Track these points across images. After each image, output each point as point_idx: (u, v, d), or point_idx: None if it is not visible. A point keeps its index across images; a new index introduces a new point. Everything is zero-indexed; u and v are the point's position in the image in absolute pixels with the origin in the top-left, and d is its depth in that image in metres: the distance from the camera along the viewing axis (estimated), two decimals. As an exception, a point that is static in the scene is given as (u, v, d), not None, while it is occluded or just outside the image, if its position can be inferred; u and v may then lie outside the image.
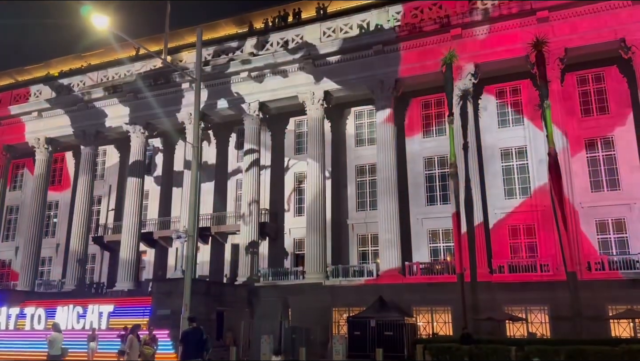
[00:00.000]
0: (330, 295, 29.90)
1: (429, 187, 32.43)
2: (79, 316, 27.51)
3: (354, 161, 34.55)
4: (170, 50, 38.49)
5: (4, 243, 42.94)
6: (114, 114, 38.64)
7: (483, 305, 26.28)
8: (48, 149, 40.84)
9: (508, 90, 31.72)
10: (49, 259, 41.87)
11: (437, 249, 31.42)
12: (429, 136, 33.02)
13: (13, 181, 44.97)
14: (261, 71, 34.47)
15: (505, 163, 30.95)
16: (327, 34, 33.64)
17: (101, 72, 40.80)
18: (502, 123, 31.47)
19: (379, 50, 31.85)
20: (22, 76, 52.99)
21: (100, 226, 40.66)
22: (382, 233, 30.16)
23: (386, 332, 26.35)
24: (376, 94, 31.92)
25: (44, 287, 38.82)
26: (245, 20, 44.04)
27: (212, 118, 36.89)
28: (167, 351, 23.29)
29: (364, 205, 33.81)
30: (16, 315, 29.33)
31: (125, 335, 21.42)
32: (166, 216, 38.55)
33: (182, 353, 13.13)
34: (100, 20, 17.56)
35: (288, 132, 36.80)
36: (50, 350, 18.21)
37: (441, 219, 30.91)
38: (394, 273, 29.21)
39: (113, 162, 42.26)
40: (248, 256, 32.26)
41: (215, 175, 38.04)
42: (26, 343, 27.13)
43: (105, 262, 40.04)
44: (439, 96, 32.13)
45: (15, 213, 44.22)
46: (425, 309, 28.84)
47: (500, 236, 29.71)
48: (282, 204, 35.66)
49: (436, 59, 29.78)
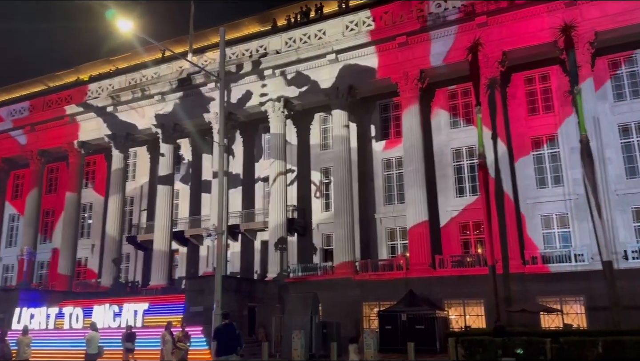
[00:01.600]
0: (360, 290, 29.87)
1: (458, 178, 32.01)
2: (115, 314, 28.13)
3: (380, 154, 34.35)
4: (195, 50, 38.97)
5: (42, 245, 44.19)
6: (142, 117, 39.31)
7: (516, 297, 25.87)
8: (81, 152, 41.84)
9: (537, 77, 31.00)
10: (85, 260, 42.98)
11: (467, 242, 31.02)
12: (456, 127, 32.57)
13: (48, 184, 46.25)
14: (285, 67, 34.53)
15: (536, 152, 30.30)
16: (349, 28, 33.46)
17: (129, 75, 41.51)
18: (532, 111, 30.79)
19: (403, 42, 31.54)
20: (54, 81, 54.37)
21: (133, 226, 41.51)
22: (411, 227, 29.93)
23: (417, 326, 26.20)
24: (401, 85, 31.63)
25: (81, 287, 39.87)
26: (268, 18, 44.18)
27: (238, 117, 37.17)
28: (201, 347, 23.62)
29: (391, 199, 33.61)
30: (55, 315, 30.16)
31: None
32: (196, 215, 39.10)
33: (216, 349, 13.27)
34: (125, 24, 17.86)
35: (313, 128, 36.81)
36: (88, 348, 18.72)
37: (471, 210, 30.52)
38: (424, 267, 28.98)
39: (144, 164, 43.02)
40: (277, 253, 32.49)
41: (243, 173, 38.36)
42: (65, 342, 27.88)
43: (140, 261, 40.86)
44: (465, 86, 31.66)
45: (52, 216, 45.48)
46: (457, 302, 28.54)
47: (533, 226, 29.14)
48: (309, 200, 35.74)
49: (461, 47, 29.32)
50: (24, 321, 29.57)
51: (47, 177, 46.01)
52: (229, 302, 23.21)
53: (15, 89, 56.28)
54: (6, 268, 45.94)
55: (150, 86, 38.67)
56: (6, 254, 45.59)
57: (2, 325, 30.93)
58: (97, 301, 30.76)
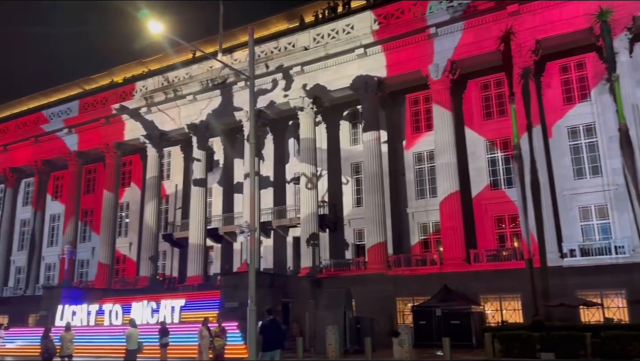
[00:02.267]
0: (393, 285, 29.72)
1: (492, 171, 31.46)
2: (153, 311, 28.79)
3: (411, 148, 34.04)
4: (225, 50, 39.30)
5: (81, 244, 45.49)
6: (175, 117, 39.95)
7: (554, 291, 25.30)
8: (117, 153, 42.84)
9: (572, 65, 30.14)
10: (123, 258, 44.05)
11: (503, 235, 30.48)
12: (489, 118, 31.99)
13: (86, 185, 47.53)
14: (313, 64, 34.55)
15: (573, 142, 29.49)
16: (377, 21, 33.21)
17: (161, 76, 42.19)
18: (568, 100, 29.97)
19: (433, 34, 31.15)
20: (89, 84, 55.83)
21: (169, 224, 42.30)
22: (444, 221, 29.62)
23: (453, 321, 25.96)
24: (431, 78, 31.26)
25: (119, 284, 40.91)
26: (295, 15, 44.28)
27: (268, 114, 37.39)
28: (237, 342, 23.93)
29: (423, 193, 33.28)
30: (95, 312, 31.10)
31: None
32: (229, 212, 39.59)
33: (263, 344, 13.42)
34: (156, 26, 18.13)
35: (343, 123, 36.75)
36: (127, 344, 19.17)
37: (506, 203, 30.00)
38: (459, 261, 28.63)
39: (178, 163, 43.76)
40: (309, 248, 32.60)
41: (274, 170, 38.60)
42: (105, 338, 28.68)
43: (176, 258, 41.62)
44: (498, 76, 31.07)
45: (91, 216, 46.76)
46: (493, 297, 28.11)
47: (570, 218, 28.41)
48: (340, 196, 35.73)
49: (493, 37, 28.75)
50: (67, 318, 30.58)
51: (86, 178, 47.31)
52: (263, 298, 23.40)
53: (52, 92, 58.06)
54: (48, 266, 47.49)
55: (182, 87, 39.26)
56: (48, 253, 47.10)
57: (45, 321, 32.09)
58: (135, 298, 31.53)
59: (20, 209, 49.91)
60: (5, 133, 49.77)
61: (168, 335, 22.41)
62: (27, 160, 47.60)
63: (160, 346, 22.22)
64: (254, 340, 16.99)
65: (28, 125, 48.48)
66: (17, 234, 49.63)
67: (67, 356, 18.58)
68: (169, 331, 22.78)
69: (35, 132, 47.05)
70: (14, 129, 49.47)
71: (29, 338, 30.99)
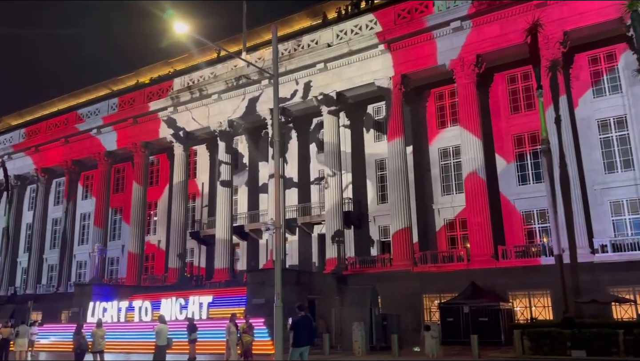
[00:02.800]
0: (419, 282, 29.52)
1: (520, 166, 30.95)
2: (182, 307, 29.24)
3: (436, 143, 33.72)
4: (249, 48, 39.57)
5: (112, 242, 46.39)
6: (201, 116, 40.37)
7: (585, 287, 24.78)
8: (145, 152, 43.51)
9: (602, 56, 29.41)
10: (152, 256, 44.77)
11: (531, 231, 29.98)
12: (517, 112, 31.47)
13: (115, 184, 48.43)
14: (336, 60, 34.49)
15: (603, 135, 28.80)
16: (401, 16, 32.95)
17: (187, 76, 42.64)
18: (598, 92, 29.28)
19: (457, 27, 30.78)
20: (117, 85, 56.86)
21: (196, 221, 42.85)
22: (471, 217, 29.27)
23: (481, 318, 25.69)
24: (456, 71, 30.89)
25: (149, 281, 41.61)
26: (318, 12, 44.29)
27: (292, 112, 37.48)
28: (263, 338, 24.15)
29: (449, 189, 32.94)
30: (125, 308, 31.70)
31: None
32: (255, 210, 39.87)
33: (293, 340, 13.50)
34: (181, 26, 18.37)
35: (367, 119, 36.62)
36: (157, 340, 19.45)
37: (535, 198, 29.46)
38: (486, 258, 28.27)
39: (204, 161, 44.24)
40: (334, 245, 32.62)
41: (298, 168, 38.71)
42: (135, 334, 29.22)
43: (203, 255, 42.13)
44: (525, 69, 30.54)
45: (120, 214, 47.65)
46: (521, 293, 27.68)
47: (601, 213, 27.77)
48: (364, 192, 35.64)
49: (520, 30, 28.22)
50: (98, 314, 31.25)
51: (115, 177, 48.21)
52: (288, 294, 23.54)
53: (81, 93, 59.34)
54: (79, 264, 48.58)
55: (207, 86, 39.61)
56: (79, 251, 48.17)
57: (77, 318, 32.84)
58: (164, 294, 32.05)
59: (51, 208, 51.17)
60: (36, 134, 51.01)
61: (196, 331, 22.68)
62: (58, 160, 48.69)
63: (189, 342, 22.51)
64: (280, 336, 17.09)
65: (58, 126, 49.59)
66: (49, 233, 50.88)
67: (98, 352, 18.93)
68: (197, 327, 23.06)
69: (66, 132, 48.08)
70: (45, 130, 50.66)
71: (61, 334, 31.78)
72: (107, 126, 45.51)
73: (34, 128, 52.20)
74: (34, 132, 51.66)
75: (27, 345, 24.31)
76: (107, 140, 45.63)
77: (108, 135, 45.63)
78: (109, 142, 45.48)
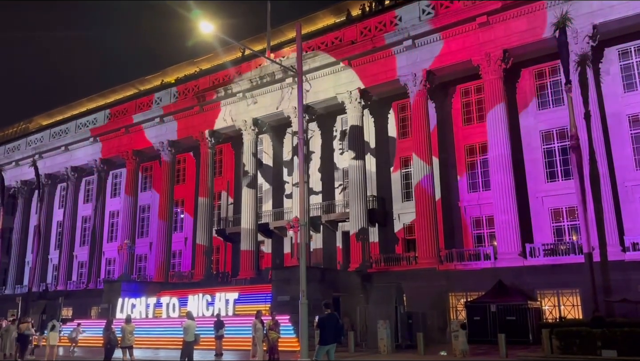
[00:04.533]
0: (445, 280, 29.28)
1: (548, 162, 30.40)
2: (208, 304, 29.57)
3: (462, 140, 33.36)
4: (273, 47, 39.70)
5: (140, 239, 47.19)
6: (226, 115, 40.70)
7: (616, 286, 24.23)
8: (172, 151, 44.10)
9: (633, 50, 28.67)
10: (179, 253, 45.40)
11: (560, 229, 29.44)
12: (544, 108, 30.92)
13: (143, 182, 49.21)
14: (361, 57, 34.39)
15: (635, 130, 28.09)
16: (426, 12, 32.67)
17: (212, 75, 43.02)
18: (628, 87, 28.57)
19: (483, 22, 30.36)
20: (144, 85, 57.72)
21: (222, 219, 43.27)
22: (498, 214, 28.89)
23: (508, 317, 25.38)
24: (483, 67, 30.49)
25: (176, 278, 42.20)
26: (342, 9, 44.21)
27: (316, 110, 37.52)
28: (289, 335, 24.27)
29: (475, 186, 32.56)
30: (154, 304, 32.21)
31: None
32: (279, 207, 40.07)
33: (320, 338, 13.52)
34: (207, 26, 18.58)
35: (391, 116, 36.43)
36: (185, 336, 19.73)
37: (564, 196, 28.90)
38: (514, 256, 27.88)
39: (229, 159, 44.63)
40: (359, 243, 32.57)
41: (321, 165, 38.74)
42: (163, 330, 29.70)
43: (229, 253, 42.54)
44: (553, 64, 30.02)
45: (148, 212, 48.40)
46: (550, 292, 27.22)
47: (632, 210, 27.11)
48: (389, 190, 35.47)
49: (547, 24, 27.71)
50: (126, 310, 31.81)
51: (142, 175, 48.98)
52: (313, 292, 23.60)
53: (109, 93, 60.46)
54: (108, 261, 49.56)
55: (232, 85, 39.90)
56: (108, 248, 49.12)
57: (107, 314, 33.52)
58: (191, 291, 32.45)
59: (81, 206, 52.28)
60: (66, 134, 52.12)
61: (224, 327, 22.94)
62: (87, 159, 49.64)
63: (216, 338, 22.79)
64: (305, 333, 17.16)
65: (87, 125, 50.54)
66: (79, 230, 51.99)
67: (127, 347, 19.28)
68: (224, 323, 23.31)
69: (94, 132, 48.94)
70: (74, 129, 51.72)
71: (92, 329, 32.44)
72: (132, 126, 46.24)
73: (64, 128, 52.93)
74: (64, 132, 52.46)
75: (57, 339, 24.82)
76: (132, 140, 46.35)
77: (133, 135, 46.36)
78: (134, 142, 46.19)
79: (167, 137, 44.00)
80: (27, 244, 55.46)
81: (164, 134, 44.29)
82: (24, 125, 67.22)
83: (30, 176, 51.99)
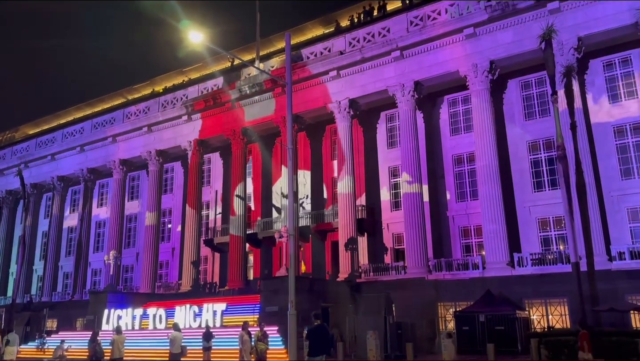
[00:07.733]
0: (434, 290, 29.29)
1: (535, 172, 30.67)
2: (195, 315, 29.24)
3: (450, 150, 33.57)
4: (262, 57, 39.85)
5: (126, 249, 46.69)
6: (214, 124, 40.61)
7: (603, 295, 24.33)
8: (159, 160, 43.83)
9: (617, 62, 29.14)
10: (166, 263, 44.98)
11: (548, 238, 29.64)
12: (531, 118, 31.24)
13: (130, 192, 48.79)
14: (349, 68, 34.56)
15: (620, 141, 28.48)
16: (414, 23, 32.96)
17: (201, 85, 42.95)
18: (613, 98, 28.99)
19: (470, 34, 30.70)
20: (132, 94, 57.47)
21: (209, 229, 42.98)
22: (486, 224, 29.03)
23: (497, 327, 25.41)
24: (469, 78, 30.78)
25: (163, 289, 41.76)
26: (331, 20, 44.47)
27: (305, 119, 37.57)
28: (277, 346, 24.04)
29: (463, 196, 32.73)
30: (140, 316, 31.77)
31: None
32: (268, 217, 39.91)
33: (309, 349, 13.40)
34: (196, 36, 18.58)
35: (380, 126, 36.58)
36: (171, 348, 19.54)
37: (551, 205, 29.13)
38: (502, 265, 27.99)
39: (217, 169, 44.47)
40: (348, 253, 32.51)
41: (311, 175, 38.73)
42: (150, 342, 29.25)
43: (217, 263, 42.24)
44: (539, 75, 30.39)
45: (135, 222, 47.97)
46: (538, 301, 27.34)
47: (619, 220, 27.41)
48: (378, 200, 35.53)
49: (534, 36, 28.03)
50: (112, 322, 31.35)
51: (129, 185, 48.56)
52: (302, 302, 23.44)
53: (97, 102, 60.07)
54: (94, 272, 48.95)
55: (221, 94, 39.86)
56: (94, 259, 48.52)
57: (92, 325, 33.03)
58: (178, 302, 32.08)
59: (67, 216, 51.67)
60: (52, 143, 51.60)
61: (212, 339, 22.69)
62: (74, 168, 49.14)
63: (204, 349, 22.53)
64: (294, 344, 17.04)
65: (74, 135, 50.12)
66: (65, 240, 51.36)
67: (118, 359, 19.03)
68: (213, 334, 23.06)
69: (81, 141, 48.51)
70: (61, 139, 51.23)
71: (77, 341, 31.89)
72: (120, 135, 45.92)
73: (51, 137, 52.39)
74: (50, 141, 51.87)
75: (16, 353, 23.74)
76: (120, 149, 46.03)
77: (122, 144, 46.04)
78: (122, 151, 45.88)
79: (154, 146, 43.76)
80: (11, 255, 54.67)
81: (152, 143, 44.03)
82: (9, 134, 66.51)
83: (15, 186, 51.32)
